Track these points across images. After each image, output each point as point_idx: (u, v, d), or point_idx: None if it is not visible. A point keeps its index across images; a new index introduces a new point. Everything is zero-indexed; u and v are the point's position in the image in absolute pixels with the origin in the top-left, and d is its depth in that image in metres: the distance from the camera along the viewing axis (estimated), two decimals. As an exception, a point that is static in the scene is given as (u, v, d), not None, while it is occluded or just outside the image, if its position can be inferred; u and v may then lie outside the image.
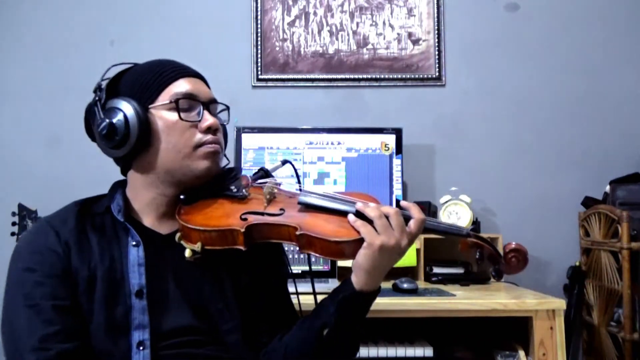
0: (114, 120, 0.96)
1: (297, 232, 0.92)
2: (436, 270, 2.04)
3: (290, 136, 2.13)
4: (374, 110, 2.38)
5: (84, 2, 2.39)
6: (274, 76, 2.38)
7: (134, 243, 0.98)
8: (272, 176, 1.11)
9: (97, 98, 1.01)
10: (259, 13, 2.39)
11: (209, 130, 1.00)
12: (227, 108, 1.10)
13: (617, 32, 2.40)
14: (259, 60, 2.38)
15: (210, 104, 1.04)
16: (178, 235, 0.98)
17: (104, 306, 0.93)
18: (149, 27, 2.36)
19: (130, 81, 1.02)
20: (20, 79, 2.38)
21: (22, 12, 2.39)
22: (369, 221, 0.93)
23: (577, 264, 2.23)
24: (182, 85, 1.00)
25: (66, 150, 2.32)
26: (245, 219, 0.96)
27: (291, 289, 1.15)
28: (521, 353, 1.69)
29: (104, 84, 1.03)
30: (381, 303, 1.64)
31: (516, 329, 1.73)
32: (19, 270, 0.93)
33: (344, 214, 0.97)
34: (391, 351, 1.67)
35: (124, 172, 1.07)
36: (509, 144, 2.38)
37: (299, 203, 1.00)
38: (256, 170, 1.11)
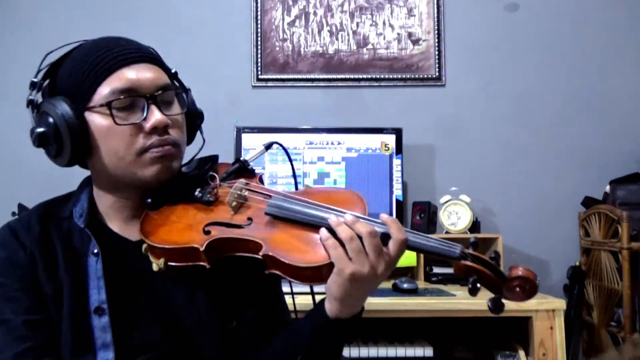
0: (45, 130, 0.85)
1: (261, 253, 0.81)
2: (436, 270, 2.05)
3: (290, 136, 2.13)
4: (374, 110, 2.37)
5: (84, 2, 2.39)
6: (274, 76, 2.38)
7: (94, 252, 0.88)
8: (251, 169, 0.98)
9: (29, 99, 0.89)
10: (259, 13, 2.39)
11: (155, 130, 0.85)
12: (183, 91, 0.93)
13: (618, 32, 2.40)
14: (259, 60, 2.38)
15: (157, 95, 0.87)
16: (144, 246, 0.87)
17: (69, 324, 0.85)
18: (149, 27, 2.36)
19: (66, 74, 0.88)
20: (20, 79, 2.37)
21: (22, 12, 2.39)
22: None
23: (577, 264, 2.23)
24: (120, 79, 0.85)
25: (66, 150, 2.32)
26: (208, 232, 0.85)
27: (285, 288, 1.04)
28: (521, 353, 1.69)
29: (39, 74, 0.90)
30: (381, 303, 1.65)
31: (516, 329, 1.73)
32: None
33: (316, 227, 0.82)
34: (391, 351, 1.68)
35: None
36: (509, 144, 2.38)
37: (266, 213, 0.86)
38: (233, 162, 0.99)
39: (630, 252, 1.97)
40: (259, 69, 2.37)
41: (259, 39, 2.38)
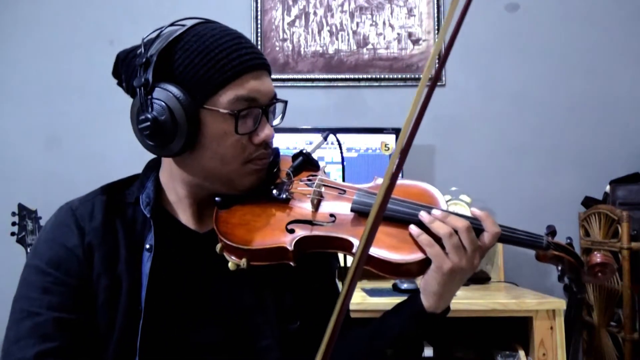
0: (160, 119, 0.80)
1: (353, 250, 0.81)
2: (436, 270, 2.04)
3: (290, 136, 2.13)
4: (374, 110, 2.37)
5: (84, 2, 2.39)
6: (273, 76, 2.36)
7: (147, 246, 0.84)
8: (315, 161, 0.97)
9: (142, 80, 0.81)
10: (259, 13, 2.39)
11: (263, 143, 0.86)
12: (285, 102, 0.94)
13: (617, 32, 2.40)
14: (259, 60, 2.38)
15: (270, 106, 0.87)
16: (219, 246, 0.85)
17: (124, 321, 0.81)
18: (149, 27, 2.35)
19: (184, 63, 0.82)
20: (20, 79, 2.38)
21: (22, 12, 2.39)
22: (436, 236, 0.81)
23: (577, 264, 2.23)
24: (246, 86, 0.83)
25: (66, 150, 2.32)
26: (292, 231, 0.84)
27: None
28: (521, 353, 1.69)
29: (154, 54, 0.82)
30: (381, 303, 1.65)
31: (516, 329, 1.73)
32: (32, 267, 0.83)
33: (405, 223, 0.83)
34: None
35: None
36: (509, 144, 2.38)
37: (352, 210, 0.86)
38: (295, 154, 0.96)
39: (630, 252, 1.97)
40: (259, 69, 2.37)
41: (259, 39, 2.38)
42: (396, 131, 2.16)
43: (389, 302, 1.64)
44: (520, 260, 2.18)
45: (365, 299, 1.68)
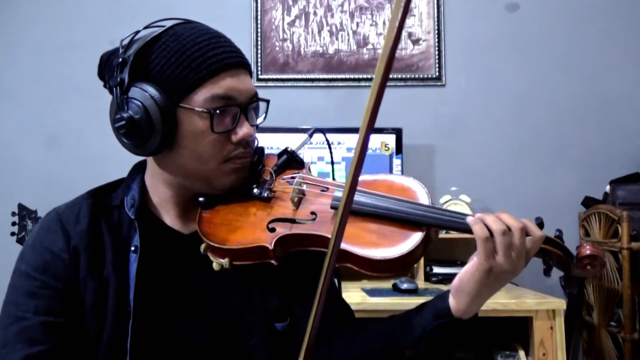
0: (135, 117, 0.80)
1: None
2: (436, 270, 2.04)
3: (290, 136, 2.13)
4: (374, 110, 2.37)
5: (84, 2, 2.39)
6: (273, 76, 2.38)
7: (132, 248, 0.85)
8: (300, 160, 0.96)
9: (118, 79, 0.82)
10: (259, 13, 2.39)
11: (242, 142, 0.85)
12: (267, 102, 0.92)
13: (617, 32, 2.40)
14: (259, 60, 2.38)
15: (249, 104, 0.86)
16: (203, 246, 0.85)
17: (113, 322, 0.81)
18: (149, 27, 2.36)
19: (160, 63, 0.82)
20: (20, 79, 2.38)
21: (22, 12, 2.39)
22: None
23: (577, 264, 2.23)
24: (222, 85, 0.82)
25: (66, 150, 2.32)
26: (272, 230, 0.84)
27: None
28: (521, 353, 1.69)
29: (131, 54, 0.82)
30: (381, 303, 1.65)
31: (516, 329, 1.73)
32: (19, 273, 0.84)
33: (389, 219, 0.81)
34: (391, 351, 1.67)
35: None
36: (509, 144, 2.38)
37: (332, 208, 0.84)
38: (280, 152, 0.95)
39: (630, 252, 1.97)
40: (259, 68, 2.37)
41: (259, 38, 2.38)
42: (396, 131, 2.16)
43: (389, 302, 1.65)
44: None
45: (365, 299, 1.68)
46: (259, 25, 2.38)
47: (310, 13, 2.41)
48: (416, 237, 0.80)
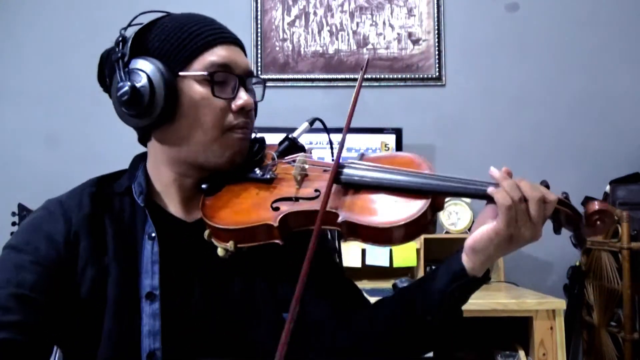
0: (138, 85, 0.82)
1: (339, 220, 0.79)
2: (436, 270, 2.04)
3: (290, 136, 2.13)
4: (374, 110, 2.37)
5: (84, 2, 2.39)
6: (274, 76, 2.38)
7: (151, 235, 0.85)
8: (301, 145, 0.97)
9: (119, 54, 0.85)
10: (259, 13, 2.39)
11: (242, 111, 0.86)
12: (263, 82, 0.94)
13: (617, 32, 2.40)
14: (259, 60, 2.38)
15: (246, 78, 0.88)
16: (207, 232, 0.86)
17: (113, 310, 0.80)
18: (149, 27, 2.36)
19: (159, 39, 0.86)
20: (20, 80, 2.38)
21: (22, 13, 2.39)
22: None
23: (577, 264, 2.23)
24: (219, 54, 0.85)
25: (66, 150, 2.33)
26: (277, 209, 0.84)
27: None
28: (521, 353, 1.69)
29: (129, 34, 0.87)
30: (381, 303, 1.65)
31: (516, 329, 1.73)
32: (8, 247, 0.82)
33: (390, 189, 0.82)
34: (391, 351, 1.67)
35: (143, 141, 0.93)
36: (509, 143, 2.38)
37: (335, 182, 0.84)
38: (281, 140, 0.97)
39: (630, 252, 1.97)
40: (259, 68, 2.37)
41: (259, 38, 2.38)
42: (396, 131, 2.16)
43: (389, 302, 1.65)
44: (520, 260, 2.18)
45: (365, 299, 1.68)
46: (259, 25, 2.38)
47: (310, 13, 2.41)
48: (420, 204, 0.80)
